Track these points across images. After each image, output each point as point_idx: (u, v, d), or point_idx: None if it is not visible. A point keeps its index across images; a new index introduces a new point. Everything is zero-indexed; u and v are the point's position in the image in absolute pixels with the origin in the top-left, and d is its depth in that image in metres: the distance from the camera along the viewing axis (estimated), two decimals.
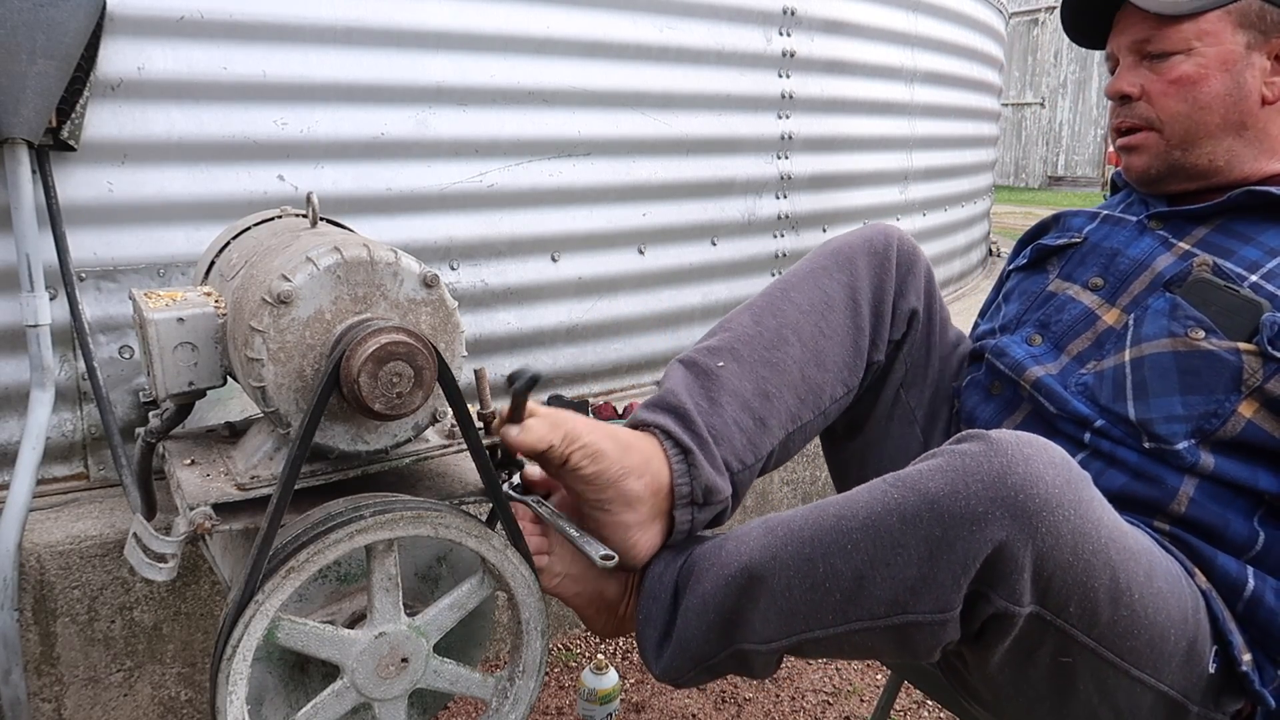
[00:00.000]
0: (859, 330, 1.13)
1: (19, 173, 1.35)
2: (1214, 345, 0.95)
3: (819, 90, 2.41)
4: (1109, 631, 0.83)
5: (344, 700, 0.89)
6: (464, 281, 1.84)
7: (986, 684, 0.94)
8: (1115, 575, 0.81)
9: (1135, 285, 1.05)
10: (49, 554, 1.36)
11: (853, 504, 0.86)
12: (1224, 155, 1.05)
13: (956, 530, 0.79)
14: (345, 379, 0.85)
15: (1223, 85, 1.03)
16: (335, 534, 0.84)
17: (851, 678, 1.80)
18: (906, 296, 1.16)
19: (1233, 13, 1.02)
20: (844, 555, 0.85)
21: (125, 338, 1.51)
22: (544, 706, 1.66)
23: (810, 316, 1.11)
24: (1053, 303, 1.12)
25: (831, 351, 1.11)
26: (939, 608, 0.81)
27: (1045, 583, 0.80)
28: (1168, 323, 0.99)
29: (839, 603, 0.86)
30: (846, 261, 1.14)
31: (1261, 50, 1.02)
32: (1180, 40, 1.03)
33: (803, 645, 0.90)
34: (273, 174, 1.60)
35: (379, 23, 1.66)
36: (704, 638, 0.94)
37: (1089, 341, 1.06)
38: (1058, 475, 0.78)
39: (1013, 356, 1.10)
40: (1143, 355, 0.99)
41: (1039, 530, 0.77)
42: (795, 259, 2.43)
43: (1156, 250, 1.06)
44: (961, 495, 0.79)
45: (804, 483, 2.27)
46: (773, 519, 0.94)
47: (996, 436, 0.80)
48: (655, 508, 1.01)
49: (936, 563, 0.80)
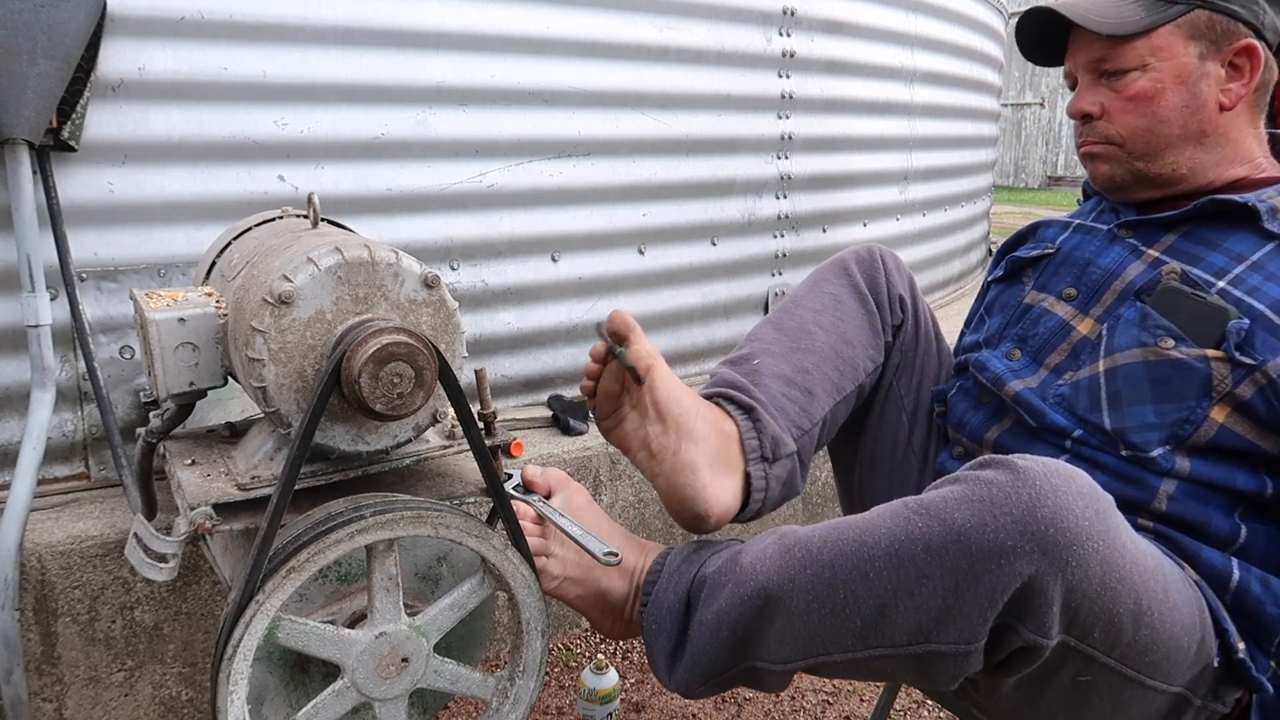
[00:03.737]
0: (871, 314, 1.22)
1: (19, 173, 1.35)
2: (1183, 354, 0.97)
3: (819, 90, 2.41)
4: (1129, 650, 0.84)
5: (344, 700, 0.89)
6: (464, 282, 1.85)
7: (999, 705, 0.94)
8: (1138, 599, 0.81)
9: (1107, 295, 1.07)
10: (50, 554, 1.36)
11: (874, 530, 0.85)
12: (1187, 164, 1.07)
13: (984, 564, 0.78)
14: (346, 379, 0.85)
15: (1180, 98, 1.04)
16: (335, 534, 0.84)
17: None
18: (895, 285, 1.25)
19: (1183, 26, 1.04)
20: (866, 583, 0.84)
21: (126, 338, 1.52)
22: (544, 706, 1.66)
23: (825, 313, 1.20)
24: (1029, 315, 1.15)
25: (853, 333, 1.19)
26: (964, 639, 0.81)
27: (1073, 613, 0.79)
28: (1138, 332, 1.01)
29: (859, 629, 0.85)
30: (841, 269, 1.25)
31: (1215, 59, 1.04)
32: (1134, 57, 1.05)
33: (820, 667, 0.90)
34: (273, 174, 1.60)
35: (379, 23, 1.66)
36: (717, 654, 0.94)
37: (1065, 354, 1.09)
38: (1087, 507, 0.78)
39: (993, 371, 1.13)
40: (1115, 366, 1.02)
41: (1069, 564, 0.76)
42: (795, 259, 2.43)
43: (1127, 259, 1.08)
44: (990, 528, 0.78)
45: (812, 481, 2.27)
46: (788, 536, 0.93)
47: (1023, 466, 0.80)
48: (723, 453, 1.05)
49: (962, 595, 0.79)
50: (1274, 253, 1.00)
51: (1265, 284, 0.97)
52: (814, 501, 2.17)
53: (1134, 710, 0.90)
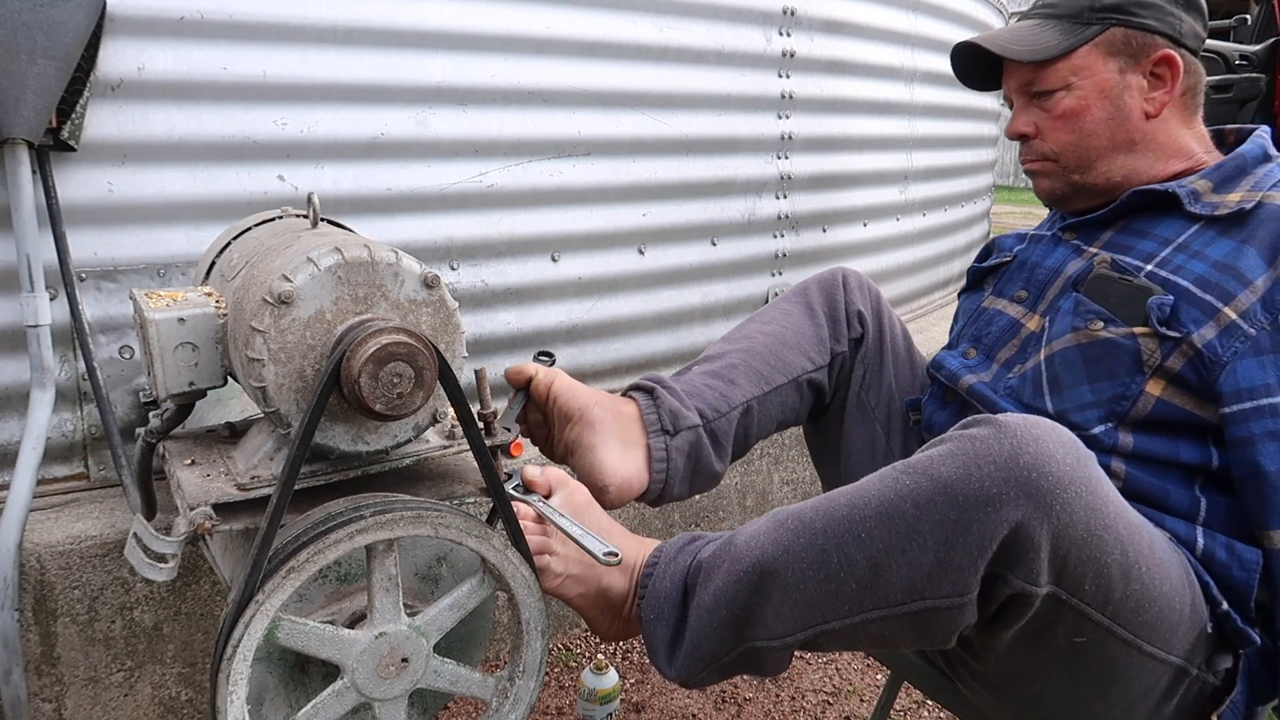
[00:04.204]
0: (818, 325, 1.30)
1: (19, 173, 1.35)
2: (1111, 333, 1.03)
3: (819, 90, 2.41)
4: (1121, 608, 0.85)
5: (344, 700, 0.89)
6: (464, 281, 1.85)
7: (995, 668, 0.95)
8: (1125, 550, 0.83)
9: (1051, 291, 1.15)
10: (49, 554, 1.36)
11: (864, 493, 0.87)
12: (1120, 171, 1.13)
13: (972, 513, 0.80)
14: (346, 379, 0.85)
15: (1104, 112, 1.11)
16: (335, 534, 0.84)
17: (851, 678, 1.80)
18: (853, 301, 1.32)
19: (1100, 45, 1.10)
20: (858, 544, 0.86)
21: (125, 338, 1.52)
22: (544, 706, 1.66)
23: (771, 323, 1.29)
24: (984, 317, 1.24)
25: (793, 338, 1.28)
26: (956, 591, 0.82)
27: (1061, 561, 0.81)
28: (1071, 319, 1.07)
29: (855, 592, 0.87)
30: (801, 291, 1.34)
31: (1135, 71, 1.10)
32: (1058, 78, 1.12)
33: (819, 638, 0.91)
34: (273, 174, 1.60)
35: (379, 23, 1.66)
36: (716, 636, 0.95)
37: (1015, 349, 1.16)
38: (1068, 454, 0.80)
39: (949, 368, 1.21)
40: (1053, 352, 1.08)
41: (1054, 508, 0.79)
42: (795, 259, 2.43)
43: (1068, 257, 1.15)
44: (975, 478, 0.80)
45: (804, 482, 2.28)
46: (781, 513, 0.95)
47: (1004, 420, 0.82)
48: (622, 431, 1.14)
49: (953, 546, 0.81)
50: (1198, 233, 1.05)
51: (1190, 262, 1.03)
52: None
53: (1133, 683, 0.90)
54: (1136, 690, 0.91)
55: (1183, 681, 0.93)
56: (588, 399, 1.14)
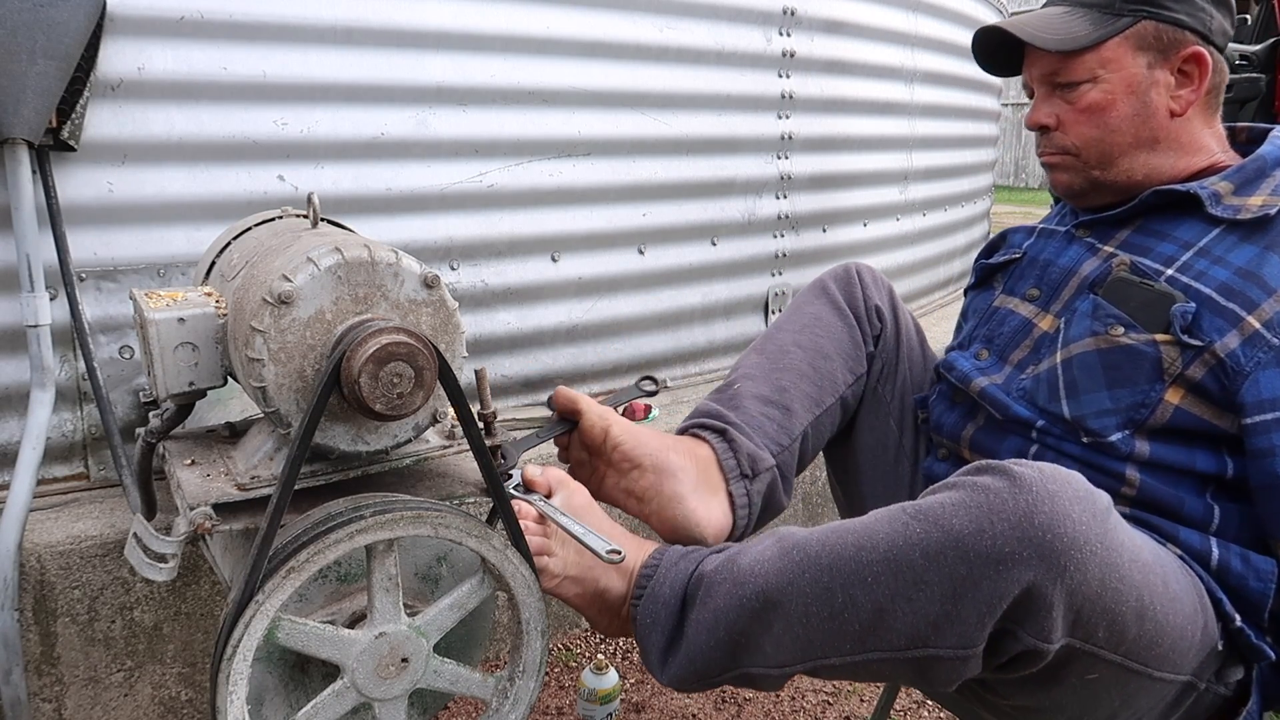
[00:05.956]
0: (851, 327, 1.27)
1: (19, 173, 1.35)
2: (1132, 339, 1.00)
3: (819, 90, 2.41)
4: (1135, 645, 0.84)
5: (344, 700, 0.89)
6: (464, 281, 1.84)
7: (1004, 700, 0.95)
8: (1140, 595, 0.82)
9: (1065, 291, 1.12)
10: (49, 554, 1.36)
11: (872, 535, 0.86)
12: (1141, 170, 1.09)
13: (982, 570, 0.78)
14: (346, 379, 0.85)
15: (1130, 107, 1.07)
16: (335, 534, 0.84)
17: None
18: (872, 297, 1.30)
19: (1130, 38, 1.06)
20: (864, 587, 0.84)
21: (125, 338, 1.51)
22: (544, 706, 1.66)
23: (805, 332, 1.26)
24: (995, 317, 1.20)
25: (832, 347, 1.25)
26: (962, 644, 0.81)
27: (1075, 615, 0.79)
28: (1090, 322, 1.04)
29: (857, 633, 0.86)
30: (820, 290, 1.31)
31: (1163, 67, 1.06)
32: (1085, 70, 1.07)
33: (816, 669, 0.90)
34: (273, 174, 1.60)
35: (379, 23, 1.66)
36: (713, 654, 0.94)
37: (1028, 349, 1.13)
38: (1084, 511, 0.78)
39: (961, 370, 1.18)
40: (1071, 356, 1.05)
41: (1068, 569, 0.77)
42: (795, 259, 2.43)
43: (1083, 256, 1.12)
44: (987, 534, 0.78)
45: (803, 482, 2.27)
46: (786, 539, 0.93)
47: (1019, 471, 0.80)
48: (703, 478, 1.11)
49: (960, 601, 0.79)
50: (1220, 237, 1.02)
51: (1212, 268, 1.00)
52: (814, 501, 2.17)
53: (1142, 702, 0.90)
54: (1144, 706, 0.91)
55: (1190, 694, 0.93)
56: (659, 445, 1.11)
